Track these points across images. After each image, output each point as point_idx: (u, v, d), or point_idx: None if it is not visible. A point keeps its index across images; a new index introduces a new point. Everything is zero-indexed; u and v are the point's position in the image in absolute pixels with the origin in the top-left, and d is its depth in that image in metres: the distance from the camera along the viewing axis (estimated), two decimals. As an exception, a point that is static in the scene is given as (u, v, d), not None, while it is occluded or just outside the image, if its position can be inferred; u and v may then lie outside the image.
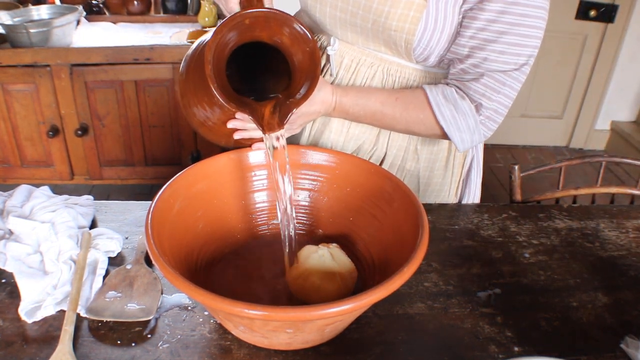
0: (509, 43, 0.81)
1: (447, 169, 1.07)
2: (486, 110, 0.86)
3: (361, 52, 0.96)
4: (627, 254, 0.93)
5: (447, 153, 1.05)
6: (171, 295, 0.77)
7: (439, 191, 1.09)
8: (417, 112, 0.89)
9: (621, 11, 2.97)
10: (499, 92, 0.85)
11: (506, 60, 0.83)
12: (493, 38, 0.81)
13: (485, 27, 0.81)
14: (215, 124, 0.84)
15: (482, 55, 0.83)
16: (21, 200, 0.92)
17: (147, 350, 0.68)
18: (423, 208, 0.73)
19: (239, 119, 0.80)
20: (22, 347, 0.68)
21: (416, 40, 0.86)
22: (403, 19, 0.84)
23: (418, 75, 0.95)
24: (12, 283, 0.77)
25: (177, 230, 0.73)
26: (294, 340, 0.66)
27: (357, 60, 0.96)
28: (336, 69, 0.98)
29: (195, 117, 0.85)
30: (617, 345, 0.73)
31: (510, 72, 0.83)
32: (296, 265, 0.75)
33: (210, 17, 2.53)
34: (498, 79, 0.84)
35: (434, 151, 1.04)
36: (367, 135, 1.02)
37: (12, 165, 2.31)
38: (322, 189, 0.88)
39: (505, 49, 0.82)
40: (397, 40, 0.87)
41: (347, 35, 0.94)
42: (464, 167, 1.08)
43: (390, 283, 0.59)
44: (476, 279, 0.85)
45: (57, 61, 2.08)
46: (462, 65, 0.86)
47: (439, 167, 1.05)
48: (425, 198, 1.09)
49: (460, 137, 0.89)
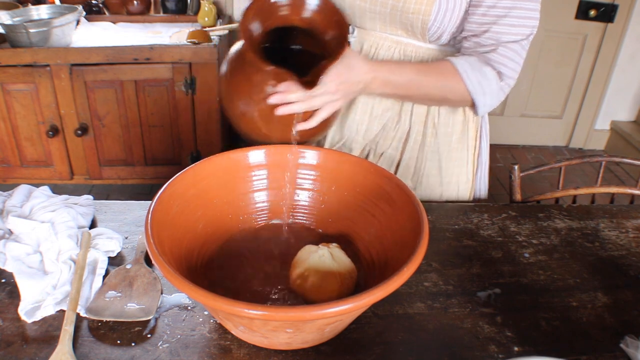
0: (518, 16, 0.91)
1: (463, 142, 1.11)
2: (505, 77, 0.95)
3: (379, 36, 1.03)
4: (627, 253, 0.93)
5: (461, 126, 1.09)
6: (171, 295, 0.77)
7: (461, 167, 1.12)
8: (448, 80, 0.95)
9: (621, 11, 2.97)
10: (513, 60, 0.94)
11: (517, 32, 0.93)
12: (503, 13, 0.91)
13: (496, 4, 0.91)
14: (262, 109, 0.84)
15: (496, 29, 0.92)
16: (21, 200, 0.92)
17: (147, 350, 0.68)
18: (423, 208, 0.73)
19: (280, 91, 0.80)
20: (22, 347, 0.68)
21: (431, 21, 0.93)
22: (419, 2, 0.92)
23: (432, 54, 1.02)
24: (11, 283, 0.77)
25: (177, 230, 0.73)
26: (293, 340, 0.66)
27: (375, 45, 1.04)
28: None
29: (242, 110, 0.85)
30: (617, 345, 0.73)
31: (520, 41, 0.94)
32: (296, 265, 0.76)
33: (210, 16, 2.53)
34: (512, 48, 0.93)
35: (450, 124, 1.09)
36: (390, 113, 1.08)
37: (11, 165, 2.31)
38: (322, 189, 0.88)
39: (515, 22, 0.92)
40: (414, 22, 0.94)
41: (366, 22, 1.02)
42: (476, 139, 1.13)
43: (390, 283, 0.59)
44: (476, 278, 0.85)
45: (56, 61, 2.08)
46: (478, 39, 0.94)
47: (455, 140, 1.10)
48: (449, 175, 1.12)
49: (484, 101, 0.96)
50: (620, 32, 3.06)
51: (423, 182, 1.12)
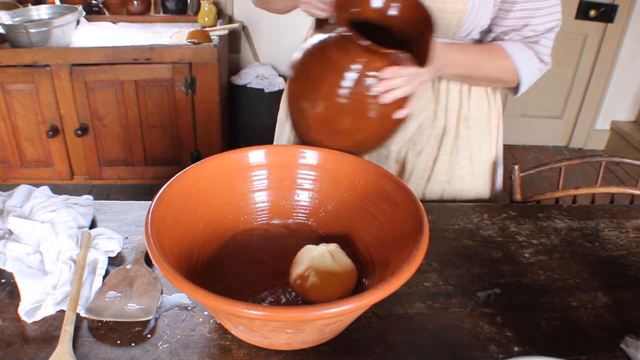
0: (550, 5, 0.98)
1: (487, 131, 1.14)
2: (545, 63, 1.03)
3: None
4: (627, 253, 0.93)
5: (487, 116, 1.13)
6: (171, 295, 0.77)
7: (488, 155, 1.16)
8: (503, 61, 1.00)
9: (621, 11, 2.97)
10: (550, 47, 1.02)
11: (552, 19, 1.00)
12: (539, 6, 0.97)
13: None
14: (357, 99, 0.81)
15: (535, 22, 0.98)
16: (21, 200, 0.92)
17: (147, 350, 0.68)
18: (423, 208, 0.73)
19: (385, 77, 0.79)
20: (22, 347, 0.68)
21: (465, 18, 0.95)
22: (456, 1, 0.94)
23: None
24: (11, 283, 0.77)
25: (177, 230, 0.73)
26: (293, 341, 0.66)
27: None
28: None
29: (321, 107, 0.83)
30: (617, 345, 0.73)
31: (554, 28, 1.01)
32: (296, 265, 0.76)
33: (210, 17, 2.53)
34: (550, 37, 1.01)
35: (479, 116, 1.12)
36: (425, 112, 1.08)
37: (12, 165, 2.31)
38: (322, 189, 0.88)
39: (548, 12, 0.99)
40: (450, 21, 0.95)
41: None
42: (497, 127, 1.17)
43: (390, 283, 0.59)
44: (476, 278, 0.85)
45: (56, 61, 2.08)
46: (518, 32, 1.00)
47: (483, 130, 1.13)
48: (479, 164, 1.14)
49: (528, 80, 1.03)
50: (620, 32, 3.06)
51: (456, 173, 1.13)
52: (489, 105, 1.13)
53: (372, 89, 0.79)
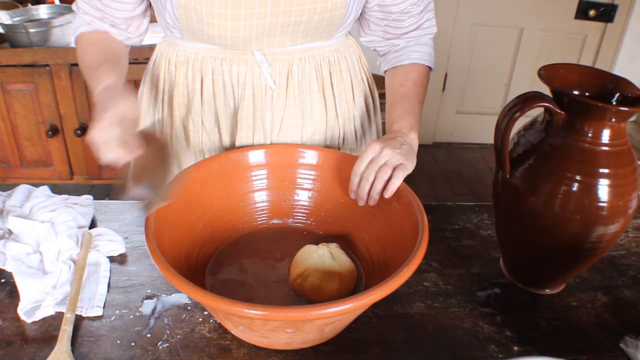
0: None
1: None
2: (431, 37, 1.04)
3: (289, 51, 0.94)
4: (627, 253, 0.93)
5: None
6: (171, 295, 0.77)
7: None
8: (426, 78, 1.00)
9: (620, 11, 2.97)
10: (433, 19, 1.01)
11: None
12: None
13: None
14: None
15: (426, 16, 0.99)
16: (21, 200, 0.92)
17: (147, 350, 0.68)
18: (422, 207, 0.73)
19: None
20: (22, 346, 0.68)
21: (347, 11, 0.89)
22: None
23: (336, 49, 0.99)
24: (11, 283, 0.77)
25: (176, 230, 0.73)
26: (293, 340, 0.66)
27: (288, 62, 0.94)
28: (272, 78, 0.94)
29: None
30: (617, 345, 0.72)
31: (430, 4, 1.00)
32: (296, 265, 0.76)
33: (210, 16, 2.52)
34: (430, 9, 1.00)
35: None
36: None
37: (11, 165, 2.31)
38: (322, 189, 0.88)
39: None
40: (333, 19, 0.89)
41: (274, 41, 0.91)
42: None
43: (390, 283, 0.59)
44: (476, 278, 0.85)
45: (56, 61, 2.08)
46: (417, 31, 1.00)
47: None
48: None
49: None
50: (619, 32, 3.06)
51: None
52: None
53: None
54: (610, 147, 0.69)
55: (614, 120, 0.68)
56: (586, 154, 0.69)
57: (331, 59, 0.98)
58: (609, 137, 0.69)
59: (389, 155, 0.78)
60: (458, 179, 2.98)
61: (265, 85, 0.94)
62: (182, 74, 0.96)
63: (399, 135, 0.85)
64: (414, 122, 0.90)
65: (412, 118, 0.91)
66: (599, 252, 0.75)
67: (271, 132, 0.97)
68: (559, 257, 0.75)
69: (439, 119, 3.26)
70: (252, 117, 0.95)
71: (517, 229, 0.77)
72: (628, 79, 0.74)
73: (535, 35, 2.98)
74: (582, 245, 0.72)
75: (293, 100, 0.96)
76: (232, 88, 0.94)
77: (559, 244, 0.73)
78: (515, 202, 0.75)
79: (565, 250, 0.73)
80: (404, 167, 0.78)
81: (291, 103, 0.96)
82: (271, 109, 0.95)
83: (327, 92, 0.99)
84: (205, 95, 0.95)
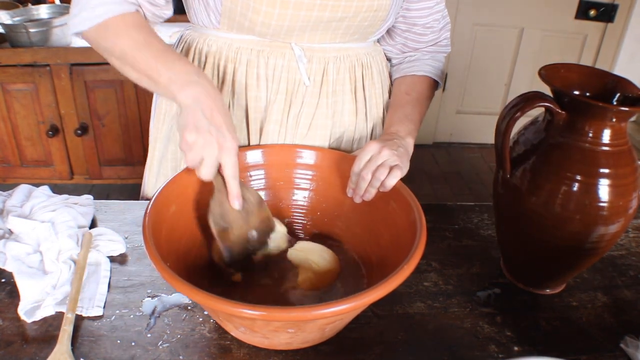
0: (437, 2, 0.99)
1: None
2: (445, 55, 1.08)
3: (327, 49, 0.93)
4: (627, 253, 0.93)
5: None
6: (171, 295, 0.77)
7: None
8: (432, 91, 1.04)
9: (621, 11, 2.97)
10: (448, 37, 1.06)
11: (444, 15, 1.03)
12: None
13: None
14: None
15: (444, 23, 1.02)
16: (21, 199, 0.92)
17: (147, 350, 0.68)
18: (420, 207, 0.73)
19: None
20: (22, 346, 0.68)
21: (388, 14, 0.91)
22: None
23: (367, 54, 1.00)
24: (11, 283, 0.77)
25: (175, 230, 0.73)
26: (294, 340, 0.66)
27: (324, 60, 0.93)
28: (307, 75, 0.93)
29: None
30: (617, 345, 0.73)
31: (447, 25, 1.04)
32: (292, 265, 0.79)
33: (210, 16, 2.52)
34: (447, 36, 1.05)
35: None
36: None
37: (11, 164, 2.31)
38: (319, 188, 0.88)
39: (438, 10, 1.00)
40: (375, 20, 0.90)
41: (316, 36, 0.90)
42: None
43: (389, 282, 0.59)
44: (476, 278, 0.85)
45: (56, 61, 2.08)
46: (437, 45, 1.04)
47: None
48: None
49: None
50: (620, 32, 3.06)
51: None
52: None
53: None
54: (610, 147, 0.69)
55: (614, 120, 0.68)
56: (587, 154, 0.69)
57: (364, 62, 0.98)
58: (609, 137, 0.69)
59: (387, 156, 0.78)
60: (458, 179, 2.98)
61: (300, 82, 0.93)
62: (211, 64, 0.94)
63: (396, 138, 0.85)
64: (412, 128, 0.91)
65: (412, 124, 0.92)
66: (599, 252, 0.75)
67: (300, 130, 0.95)
68: (559, 257, 0.75)
69: (439, 119, 3.26)
70: (281, 112, 0.93)
71: (518, 228, 0.77)
72: (628, 79, 0.74)
73: (535, 35, 2.98)
74: (582, 245, 0.72)
75: (325, 100, 0.95)
76: (266, 81, 0.92)
77: (559, 244, 0.73)
78: (515, 202, 0.75)
79: (565, 250, 0.73)
80: (399, 168, 0.78)
81: (323, 102, 0.95)
82: (302, 106, 0.94)
83: (358, 94, 0.99)
84: (237, 87, 0.93)
